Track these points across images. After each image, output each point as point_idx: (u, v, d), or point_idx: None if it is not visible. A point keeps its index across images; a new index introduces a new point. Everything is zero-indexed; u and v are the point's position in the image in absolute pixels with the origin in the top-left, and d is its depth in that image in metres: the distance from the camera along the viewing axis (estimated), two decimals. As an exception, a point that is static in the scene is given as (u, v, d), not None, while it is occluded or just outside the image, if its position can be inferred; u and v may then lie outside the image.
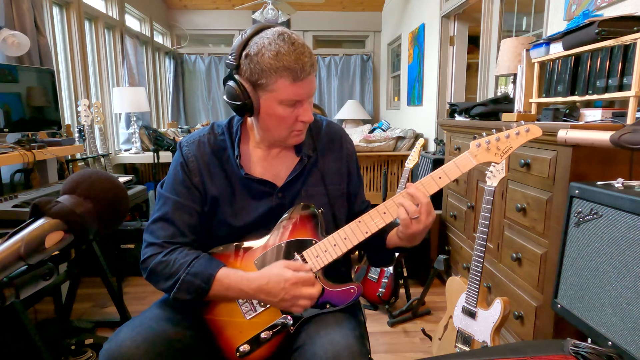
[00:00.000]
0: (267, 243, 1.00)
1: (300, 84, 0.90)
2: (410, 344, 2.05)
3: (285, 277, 0.89)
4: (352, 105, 5.51)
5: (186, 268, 0.92)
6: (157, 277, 0.95)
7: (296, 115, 0.95)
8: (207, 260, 0.95)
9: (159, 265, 0.94)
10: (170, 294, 0.94)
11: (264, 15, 4.19)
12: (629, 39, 1.28)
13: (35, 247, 0.52)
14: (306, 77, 0.90)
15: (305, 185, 1.05)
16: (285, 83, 0.89)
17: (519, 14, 2.80)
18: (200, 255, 0.96)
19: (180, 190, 1.01)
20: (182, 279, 0.92)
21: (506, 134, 0.95)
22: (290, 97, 0.91)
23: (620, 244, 0.98)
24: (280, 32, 0.89)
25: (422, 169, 3.09)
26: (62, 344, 1.79)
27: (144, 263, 0.97)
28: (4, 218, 1.55)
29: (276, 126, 0.97)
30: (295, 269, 0.91)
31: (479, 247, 1.51)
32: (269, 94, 0.91)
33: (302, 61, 0.88)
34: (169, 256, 0.95)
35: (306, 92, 0.92)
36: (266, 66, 0.87)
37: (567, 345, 0.94)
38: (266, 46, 0.87)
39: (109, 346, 0.85)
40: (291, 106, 0.93)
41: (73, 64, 3.13)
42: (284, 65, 0.87)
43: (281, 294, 0.88)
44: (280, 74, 0.88)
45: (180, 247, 0.97)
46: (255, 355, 0.95)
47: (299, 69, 0.88)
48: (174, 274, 0.93)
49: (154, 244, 0.97)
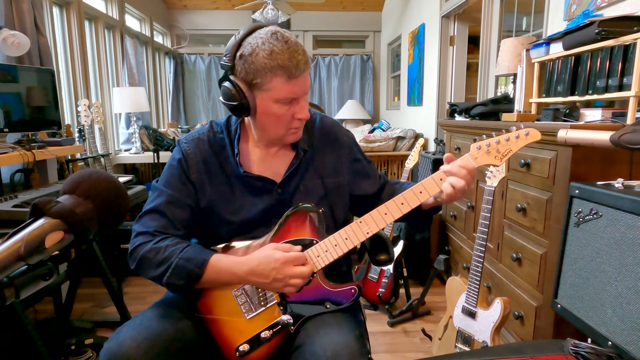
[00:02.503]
0: (268, 242, 1.00)
1: (295, 82, 0.91)
2: (410, 344, 2.05)
3: (275, 257, 0.90)
4: (352, 105, 5.51)
5: (179, 254, 0.92)
6: (147, 265, 0.94)
7: (292, 113, 0.96)
8: (200, 248, 0.96)
9: (150, 253, 0.93)
10: (162, 281, 0.93)
11: (264, 15, 4.19)
12: (629, 39, 1.28)
13: (35, 247, 0.52)
14: (301, 74, 0.91)
15: (303, 180, 1.06)
16: (280, 81, 0.90)
17: (519, 14, 2.80)
18: (191, 244, 0.97)
19: (175, 184, 1.02)
20: (175, 263, 0.91)
21: (506, 137, 0.96)
22: (285, 95, 0.92)
23: (620, 244, 0.98)
24: (273, 31, 0.90)
25: (422, 169, 3.09)
26: (62, 344, 1.79)
27: (133, 252, 0.95)
28: (4, 218, 1.55)
29: (273, 125, 0.98)
30: (284, 250, 0.92)
31: (479, 247, 1.51)
32: (265, 93, 0.92)
33: (296, 59, 0.89)
34: (160, 244, 0.94)
35: (301, 89, 0.94)
36: (261, 66, 0.88)
37: (567, 345, 0.94)
38: (260, 46, 0.88)
39: (110, 345, 0.85)
40: (287, 104, 0.94)
41: (73, 64, 3.13)
42: (278, 64, 0.88)
43: (272, 273, 0.89)
44: (275, 73, 0.89)
45: (171, 237, 0.97)
46: (255, 354, 0.95)
47: (293, 66, 0.89)
48: (166, 259, 0.92)
49: (144, 233, 0.96)
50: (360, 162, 1.15)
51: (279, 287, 0.92)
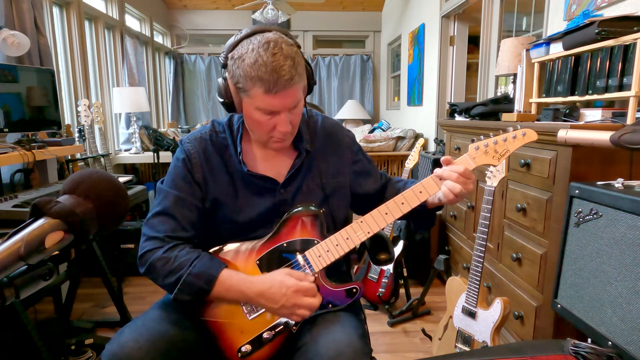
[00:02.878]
0: (269, 242, 1.00)
1: (273, 96, 0.88)
2: (410, 344, 2.05)
3: (288, 284, 0.89)
4: (352, 105, 5.51)
5: (188, 267, 0.91)
6: (156, 274, 0.94)
7: (274, 124, 0.94)
8: (209, 260, 0.94)
9: (159, 262, 0.93)
10: (170, 293, 0.93)
11: (264, 15, 4.19)
12: (629, 39, 1.28)
13: (35, 247, 0.52)
14: (280, 90, 0.87)
15: (305, 181, 1.06)
16: (259, 92, 0.88)
17: (519, 14, 2.80)
18: (201, 255, 0.95)
19: (181, 185, 1.01)
20: (183, 279, 0.91)
21: (503, 137, 0.97)
22: (264, 106, 0.90)
23: (620, 244, 0.98)
24: (268, 39, 0.87)
25: (422, 169, 3.09)
26: (62, 344, 1.79)
27: (143, 257, 0.95)
28: (4, 218, 1.55)
29: (256, 130, 0.98)
30: (298, 278, 0.91)
31: (479, 247, 1.51)
32: (247, 99, 0.92)
33: (277, 74, 0.85)
34: (170, 253, 0.94)
35: (282, 105, 0.90)
36: (244, 72, 0.87)
37: (567, 345, 0.94)
38: (248, 52, 0.87)
39: (112, 347, 0.85)
40: (268, 114, 0.92)
41: (73, 64, 3.13)
42: (258, 75, 0.86)
43: (282, 300, 0.88)
44: (255, 83, 0.87)
45: (181, 244, 0.97)
46: (257, 355, 0.95)
47: (272, 81, 0.86)
48: (175, 271, 0.92)
49: (155, 238, 0.96)
50: (361, 161, 1.15)
51: (285, 313, 0.91)
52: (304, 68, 0.93)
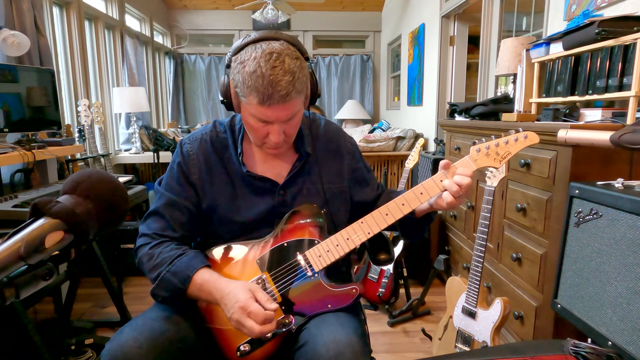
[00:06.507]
0: (269, 242, 1.00)
1: (267, 108, 0.88)
2: (410, 344, 2.05)
3: (238, 298, 0.86)
4: (352, 105, 5.51)
5: (167, 265, 0.94)
6: (143, 268, 0.99)
7: (267, 132, 0.94)
8: (190, 259, 0.96)
9: (145, 257, 0.98)
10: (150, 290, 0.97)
11: (264, 15, 4.19)
12: (629, 39, 1.28)
13: (35, 247, 0.52)
14: (274, 104, 0.87)
15: (305, 183, 1.06)
16: (254, 101, 0.88)
17: (519, 14, 2.80)
18: (184, 253, 0.97)
19: (174, 187, 1.04)
20: (161, 276, 0.94)
21: (505, 140, 0.97)
22: (258, 115, 0.91)
23: (620, 244, 0.98)
24: (272, 50, 0.86)
25: (422, 169, 3.09)
26: (62, 344, 1.79)
27: (135, 252, 1.02)
28: (4, 218, 1.55)
29: (251, 133, 0.99)
30: (257, 298, 0.87)
31: (479, 247, 1.51)
32: (244, 104, 0.92)
33: (272, 88, 0.85)
34: (155, 249, 0.98)
35: (275, 117, 0.90)
36: (242, 78, 0.87)
37: (567, 345, 0.94)
38: (250, 60, 0.86)
39: (111, 346, 0.85)
40: (262, 122, 0.93)
41: (73, 64, 3.13)
42: (254, 85, 0.86)
43: (231, 311, 0.86)
44: (251, 91, 0.87)
45: (168, 241, 1.00)
46: (256, 354, 0.95)
47: (267, 94, 0.85)
48: (156, 267, 0.96)
49: (145, 235, 1.02)
50: (360, 169, 1.15)
51: (234, 325, 0.87)
52: (306, 82, 0.93)
